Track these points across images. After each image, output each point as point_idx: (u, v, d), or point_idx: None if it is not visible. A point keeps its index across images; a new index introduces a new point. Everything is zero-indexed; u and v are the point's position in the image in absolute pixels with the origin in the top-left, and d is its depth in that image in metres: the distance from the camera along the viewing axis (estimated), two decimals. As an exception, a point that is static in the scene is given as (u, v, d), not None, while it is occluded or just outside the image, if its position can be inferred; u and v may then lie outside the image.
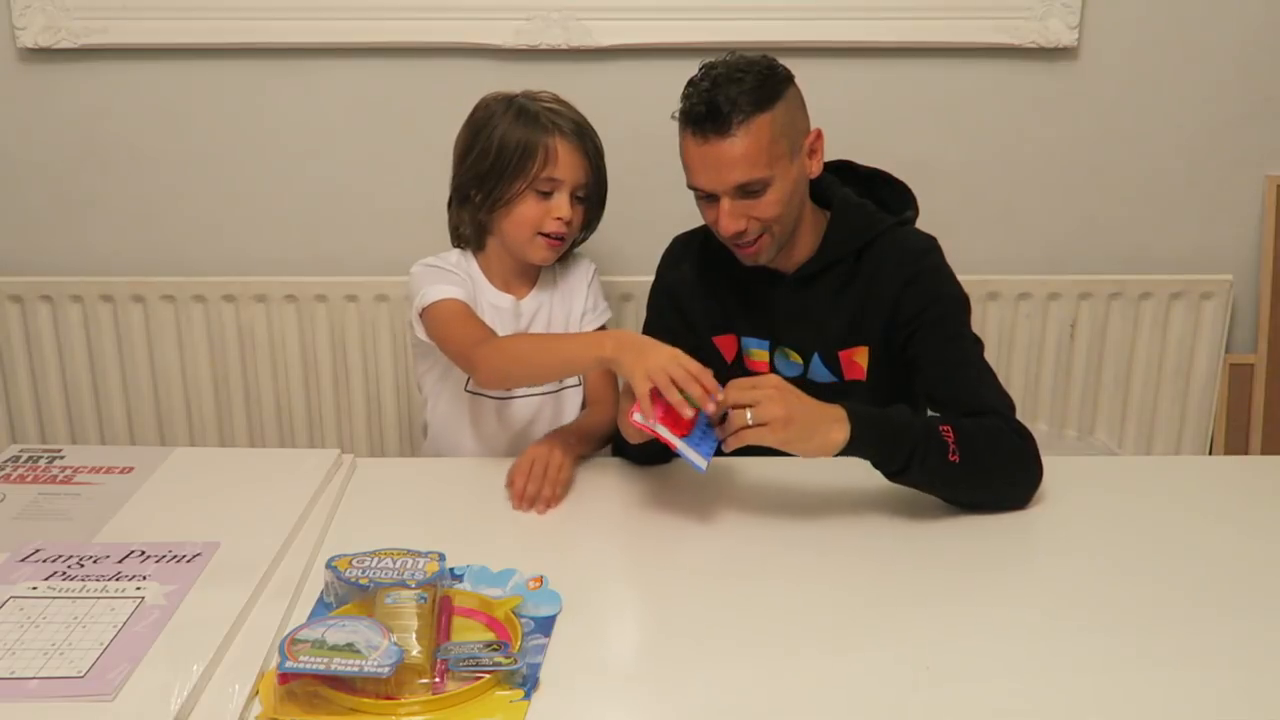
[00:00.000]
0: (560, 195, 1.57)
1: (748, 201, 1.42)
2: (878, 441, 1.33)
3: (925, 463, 1.33)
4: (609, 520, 1.40)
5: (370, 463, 1.56)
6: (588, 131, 1.60)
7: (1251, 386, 2.25)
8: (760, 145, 1.39)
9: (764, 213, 1.43)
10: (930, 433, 1.34)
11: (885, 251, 1.49)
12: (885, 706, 1.03)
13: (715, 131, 1.38)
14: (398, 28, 2.06)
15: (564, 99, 1.64)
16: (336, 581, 1.17)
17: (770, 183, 1.41)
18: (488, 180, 1.58)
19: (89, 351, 2.22)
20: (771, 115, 1.39)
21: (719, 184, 1.41)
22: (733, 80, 1.39)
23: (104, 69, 2.11)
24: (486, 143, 1.58)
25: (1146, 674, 1.08)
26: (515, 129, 1.56)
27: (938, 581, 1.25)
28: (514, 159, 1.55)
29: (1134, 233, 2.21)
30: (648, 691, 1.07)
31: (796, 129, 1.44)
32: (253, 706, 1.02)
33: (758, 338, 1.57)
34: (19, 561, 1.23)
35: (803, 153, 1.46)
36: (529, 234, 1.59)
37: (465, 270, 1.64)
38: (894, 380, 1.52)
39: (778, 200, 1.43)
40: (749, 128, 1.38)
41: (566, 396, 1.68)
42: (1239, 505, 1.43)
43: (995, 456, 1.37)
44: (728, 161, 1.39)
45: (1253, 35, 2.10)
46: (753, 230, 1.44)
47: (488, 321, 1.59)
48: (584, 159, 1.58)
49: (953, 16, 2.06)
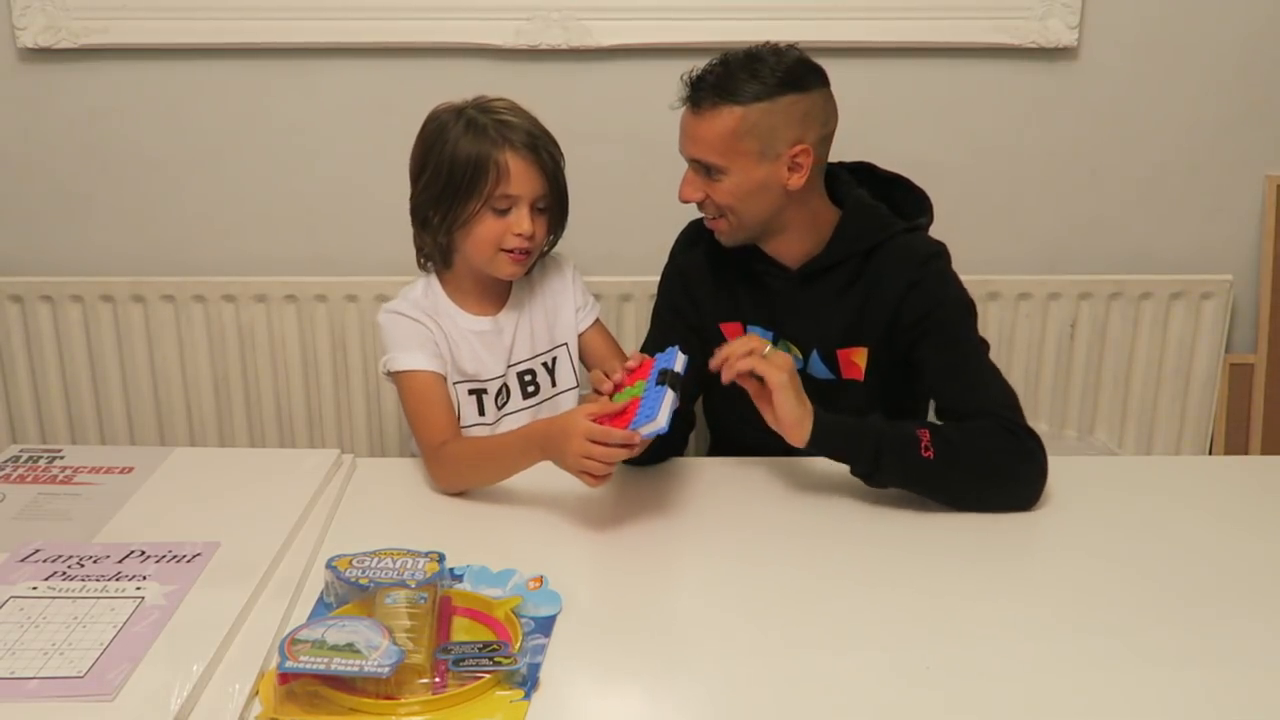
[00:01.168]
0: (519, 210, 1.52)
1: (707, 179, 1.46)
2: (840, 435, 1.39)
3: (896, 458, 1.37)
4: (609, 520, 1.40)
5: (370, 463, 1.56)
6: (541, 140, 1.53)
7: (1251, 386, 2.25)
8: (718, 133, 1.42)
9: (718, 196, 1.46)
10: (900, 431, 1.38)
11: (892, 255, 1.49)
12: (885, 706, 1.03)
13: (690, 101, 1.44)
14: (398, 28, 2.06)
15: (518, 105, 1.57)
16: (336, 581, 1.17)
17: (726, 171, 1.44)
18: (443, 202, 1.53)
19: (89, 351, 2.22)
20: (743, 112, 1.40)
21: (683, 150, 1.48)
22: (745, 65, 1.42)
23: (104, 69, 2.10)
24: (438, 161, 1.53)
25: (1146, 673, 1.08)
26: (465, 145, 1.51)
27: (937, 581, 1.25)
28: (466, 178, 1.50)
29: (1134, 233, 2.21)
30: (648, 691, 1.07)
31: (776, 136, 1.42)
32: (253, 706, 1.02)
33: (762, 327, 1.57)
34: (19, 561, 1.23)
35: (779, 161, 1.43)
36: (491, 252, 1.55)
37: (431, 310, 1.60)
38: (892, 383, 1.52)
39: (731, 192, 1.45)
40: (715, 113, 1.41)
41: (561, 403, 1.68)
42: (1239, 505, 1.43)
43: (976, 454, 1.38)
44: (690, 134, 1.45)
45: (1253, 35, 2.10)
46: (709, 209, 1.49)
47: (470, 347, 1.59)
48: (538, 171, 1.52)
49: (953, 16, 2.06)
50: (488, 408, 1.63)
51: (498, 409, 1.64)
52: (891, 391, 1.53)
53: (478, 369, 1.61)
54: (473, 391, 1.61)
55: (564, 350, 1.69)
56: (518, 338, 1.65)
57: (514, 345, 1.64)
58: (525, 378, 1.65)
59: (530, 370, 1.66)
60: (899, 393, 1.53)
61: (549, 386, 1.67)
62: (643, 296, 1.71)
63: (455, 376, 1.61)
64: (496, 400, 1.64)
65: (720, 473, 1.52)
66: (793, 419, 1.37)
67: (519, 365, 1.65)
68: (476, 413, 1.62)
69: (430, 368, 1.55)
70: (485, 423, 1.62)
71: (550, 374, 1.67)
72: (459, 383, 1.61)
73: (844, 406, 1.53)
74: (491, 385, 1.62)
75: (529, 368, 1.66)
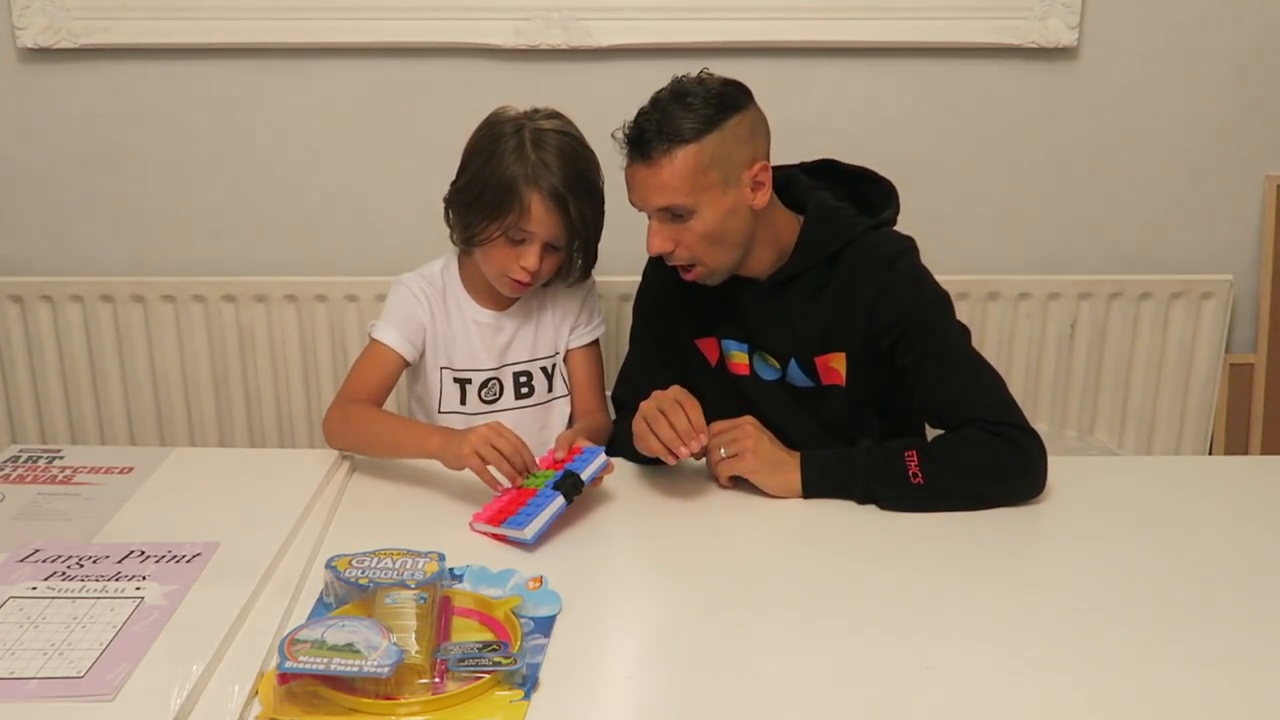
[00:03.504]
0: (531, 246, 1.54)
1: (676, 225, 1.43)
2: (829, 480, 1.41)
3: (887, 491, 1.38)
4: (609, 520, 1.40)
5: (370, 463, 1.56)
6: (575, 190, 1.53)
7: (1251, 386, 2.25)
8: (681, 175, 1.39)
9: (691, 239, 1.43)
10: (887, 462, 1.39)
11: (858, 257, 1.48)
12: (885, 706, 1.03)
13: (640, 157, 1.41)
14: (398, 28, 2.06)
15: (570, 133, 1.57)
16: (336, 581, 1.17)
17: (696, 209, 1.41)
18: (469, 211, 1.56)
19: (89, 351, 2.22)
20: (699, 147, 1.38)
21: (645, 205, 1.44)
22: (677, 103, 1.39)
23: (104, 69, 2.11)
24: (477, 172, 1.55)
25: (1146, 673, 1.08)
26: (505, 168, 1.52)
27: (937, 581, 1.25)
28: (492, 201, 1.52)
29: (1134, 233, 2.21)
30: (648, 691, 1.07)
31: (733, 160, 1.41)
32: (252, 706, 1.02)
33: (737, 341, 1.57)
34: (19, 561, 1.23)
35: (741, 184, 1.42)
36: (496, 272, 1.58)
37: (440, 291, 1.65)
38: (875, 385, 1.52)
39: (705, 229, 1.42)
40: (671, 157, 1.39)
41: (555, 407, 1.70)
42: (1239, 505, 1.42)
43: (966, 470, 1.38)
44: (651, 186, 1.41)
45: (1253, 36, 2.10)
46: (681, 256, 1.46)
47: (465, 335, 1.64)
48: (559, 219, 1.53)
49: (953, 16, 2.06)
50: (470, 398, 1.66)
51: (482, 401, 1.66)
52: (876, 393, 1.52)
53: (468, 359, 1.65)
54: (458, 380, 1.65)
55: (563, 358, 1.71)
56: (517, 338, 1.67)
57: (511, 344, 1.67)
58: (520, 378, 1.67)
59: (527, 372, 1.67)
60: (885, 394, 1.52)
61: (545, 391, 1.69)
62: (642, 296, 1.72)
63: (442, 361, 1.65)
64: (482, 393, 1.66)
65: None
66: (779, 489, 1.42)
67: (515, 365, 1.67)
68: (458, 401, 1.66)
69: (397, 348, 1.61)
70: (465, 412, 1.66)
71: (548, 379, 1.69)
72: (445, 369, 1.65)
73: (827, 412, 1.53)
74: (477, 377, 1.65)
75: (526, 369, 1.67)
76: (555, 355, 1.69)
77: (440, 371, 1.65)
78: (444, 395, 1.65)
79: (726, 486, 1.44)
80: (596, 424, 1.65)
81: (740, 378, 1.58)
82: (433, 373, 1.65)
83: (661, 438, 1.37)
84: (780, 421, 1.49)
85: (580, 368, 1.71)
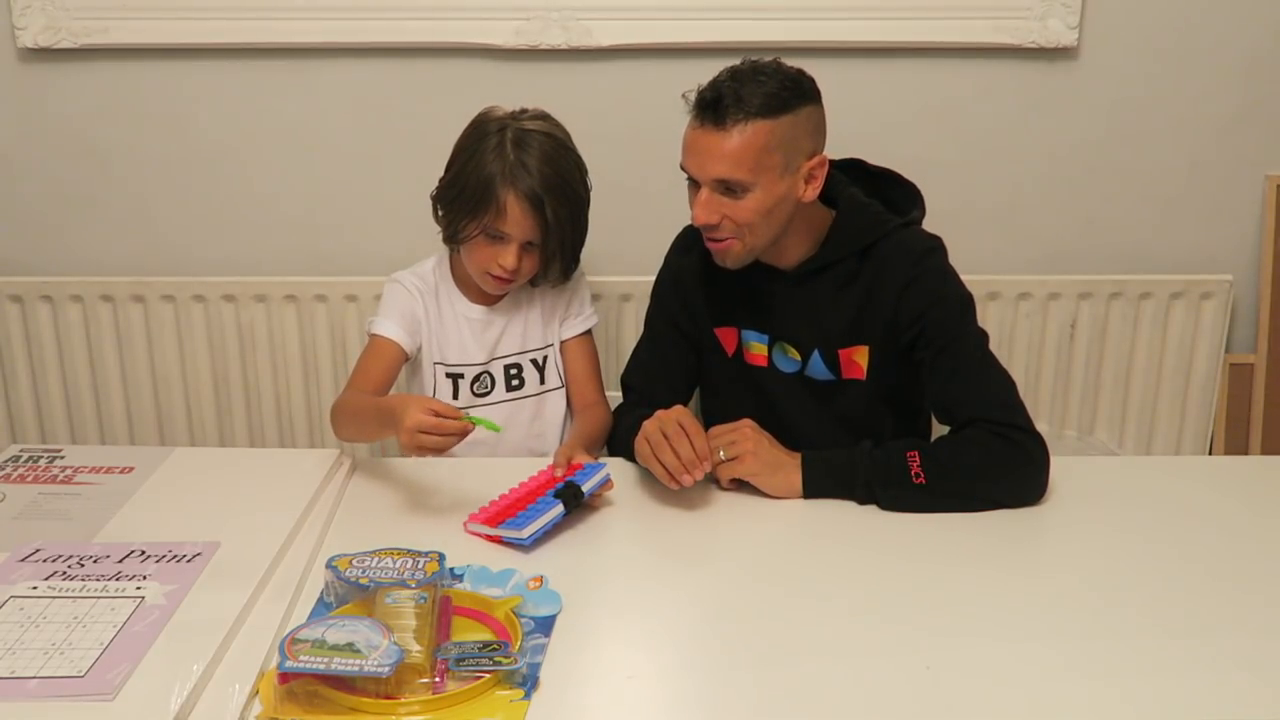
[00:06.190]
0: (508, 245, 1.56)
1: (726, 199, 1.42)
2: (830, 480, 1.41)
3: (888, 491, 1.38)
4: (609, 520, 1.40)
5: (370, 462, 1.56)
6: (553, 192, 1.54)
7: (1251, 386, 2.25)
8: (750, 149, 1.38)
9: (739, 215, 1.42)
10: (889, 462, 1.39)
11: (888, 252, 1.49)
12: (885, 707, 1.03)
13: (712, 121, 1.39)
14: (398, 28, 2.06)
15: (555, 135, 1.58)
16: (336, 581, 1.17)
17: (751, 188, 1.41)
18: (452, 208, 1.59)
19: (89, 351, 2.22)
20: (772, 125, 1.38)
21: (702, 172, 1.42)
22: (752, 79, 1.39)
23: (104, 69, 2.10)
24: (460, 170, 1.57)
25: (1146, 673, 1.08)
26: (485, 167, 1.54)
27: (937, 582, 1.25)
28: (472, 200, 1.54)
29: (1134, 233, 2.21)
30: (648, 691, 1.07)
31: (798, 148, 1.42)
32: (253, 706, 1.02)
33: (757, 331, 1.57)
34: (19, 561, 1.23)
35: (798, 174, 1.43)
36: (478, 270, 1.61)
37: (432, 288, 1.67)
38: (895, 380, 1.52)
39: (755, 208, 1.42)
40: (744, 128, 1.38)
41: (548, 399, 1.71)
42: (1239, 505, 1.43)
43: (968, 470, 1.39)
44: (715, 154, 1.40)
45: (1253, 35, 2.10)
46: (726, 229, 1.44)
47: (457, 331, 1.66)
48: (535, 220, 1.54)
49: (953, 16, 2.06)
50: (463, 392, 1.68)
51: (474, 395, 1.68)
52: (895, 389, 1.53)
53: (460, 354, 1.67)
54: (450, 375, 1.67)
55: (554, 350, 1.72)
56: (507, 331, 1.69)
57: (501, 338, 1.69)
58: (510, 371, 1.69)
59: (517, 364, 1.69)
60: (903, 390, 1.53)
61: (536, 383, 1.71)
62: (642, 296, 1.71)
63: (435, 357, 1.67)
64: (474, 387, 1.68)
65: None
66: (780, 490, 1.42)
67: (505, 358, 1.69)
68: (451, 395, 1.68)
69: (397, 339, 1.64)
70: (458, 406, 1.65)
71: (539, 371, 1.71)
72: (438, 364, 1.67)
73: (843, 408, 1.53)
74: (469, 371, 1.68)
75: (516, 362, 1.69)
76: (547, 348, 1.70)
77: (434, 367, 1.67)
78: (437, 390, 1.67)
79: (727, 488, 1.45)
80: (596, 418, 1.65)
81: (757, 369, 1.58)
82: (427, 368, 1.68)
83: (665, 463, 1.37)
84: (794, 415, 1.50)
85: (576, 360, 1.72)
